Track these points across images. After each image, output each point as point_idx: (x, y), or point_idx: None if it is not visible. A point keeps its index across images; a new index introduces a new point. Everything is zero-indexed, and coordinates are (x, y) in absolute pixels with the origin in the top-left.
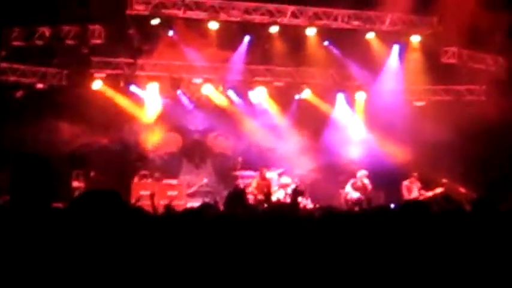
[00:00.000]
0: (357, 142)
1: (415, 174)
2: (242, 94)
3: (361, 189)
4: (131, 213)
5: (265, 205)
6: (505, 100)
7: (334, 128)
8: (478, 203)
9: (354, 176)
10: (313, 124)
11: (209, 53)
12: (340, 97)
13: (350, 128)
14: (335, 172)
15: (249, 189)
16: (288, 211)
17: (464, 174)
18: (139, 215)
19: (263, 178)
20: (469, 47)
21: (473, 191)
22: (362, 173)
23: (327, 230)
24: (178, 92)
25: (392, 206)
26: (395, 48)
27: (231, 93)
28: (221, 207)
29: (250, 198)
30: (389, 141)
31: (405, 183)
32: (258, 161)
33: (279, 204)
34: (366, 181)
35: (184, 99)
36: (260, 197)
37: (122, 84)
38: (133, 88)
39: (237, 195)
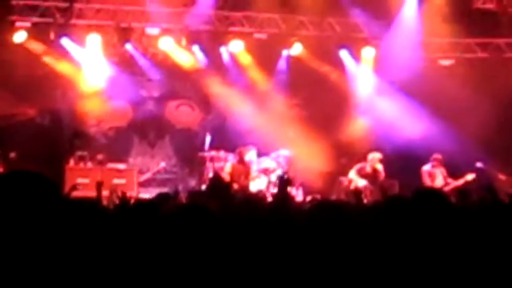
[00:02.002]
0: (363, 114)
1: (439, 156)
2: (212, 50)
3: (371, 176)
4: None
5: (242, 196)
6: None
7: (333, 95)
8: None
9: (361, 159)
10: (306, 89)
11: None
12: (343, 54)
13: (354, 95)
14: (335, 153)
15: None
16: (272, 205)
17: (504, 156)
18: (75, 208)
19: (240, 161)
20: None
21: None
22: (374, 156)
23: (320, 230)
24: (128, 46)
25: None
26: None
27: (196, 49)
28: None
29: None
30: (406, 113)
31: (426, 168)
32: (233, 139)
33: (260, 195)
34: (379, 167)
35: (136, 57)
36: (234, 185)
37: (52, 36)
38: (66, 42)
39: (213, 183)
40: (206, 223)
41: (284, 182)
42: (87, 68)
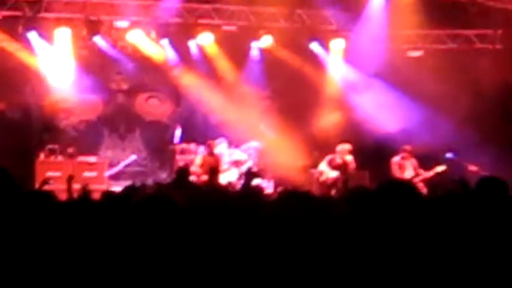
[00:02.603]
0: (334, 106)
1: (409, 147)
2: (181, 43)
3: (341, 167)
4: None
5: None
6: None
7: (305, 87)
8: (482, 185)
9: (331, 150)
10: (277, 82)
11: None
12: (314, 46)
13: (326, 88)
14: (306, 145)
15: (192, 168)
16: (239, 196)
17: (474, 146)
18: (41, 200)
19: (211, 154)
20: None
21: (487, 169)
22: (344, 148)
23: (284, 220)
24: (97, 39)
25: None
26: None
27: (165, 42)
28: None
29: (193, 179)
30: (375, 105)
31: (396, 159)
32: (203, 131)
33: (229, 187)
34: (349, 158)
35: (105, 50)
36: (205, 177)
37: (20, 30)
38: (33, 36)
39: (180, 174)
40: (170, 214)
41: (251, 173)
42: (57, 61)
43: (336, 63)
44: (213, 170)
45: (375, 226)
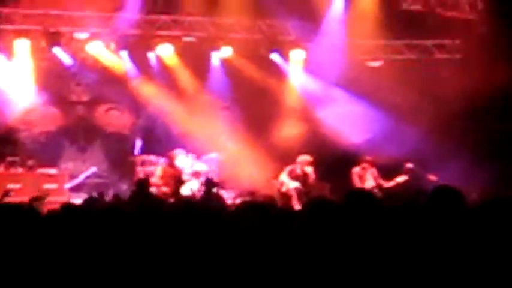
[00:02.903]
0: (295, 116)
1: (369, 158)
2: (141, 54)
3: (301, 178)
4: None
5: (172, 199)
6: (485, 58)
7: (265, 98)
8: (435, 194)
9: (291, 161)
10: (237, 92)
11: None
12: (274, 56)
13: (286, 98)
14: (267, 156)
15: (153, 180)
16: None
17: (434, 156)
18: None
19: (171, 165)
20: None
21: (452, 180)
22: (304, 159)
23: (242, 230)
24: (56, 50)
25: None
26: None
27: (124, 54)
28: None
29: (153, 191)
30: (337, 115)
31: (356, 170)
32: (164, 143)
33: (189, 198)
34: (309, 169)
35: (65, 61)
36: (165, 189)
37: None
38: None
39: (140, 185)
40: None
41: (210, 182)
42: (16, 73)
43: (296, 74)
44: (178, 180)
45: (336, 237)
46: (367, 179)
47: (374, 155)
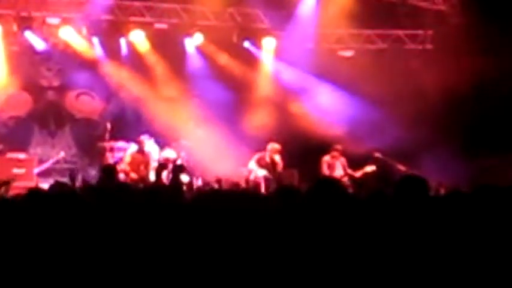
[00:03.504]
0: (264, 105)
1: (338, 147)
2: (112, 40)
3: (270, 166)
4: None
5: (140, 186)
6: (458, 49)
7: (236, 86)
8: (403, 183)
9: (260, 149)
10: (208, 80)
11: None
12: (246, 44)
13: (257, 87)
14: (237, 144)
15: (121, 166)
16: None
17: (403, 146)
18: None
19: (140, 151)
20: None
21: (415, 169)
22: (273, 147)
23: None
24: (28, 35)
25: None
26: None
27: (96, 40)
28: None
29: (121, 177)
30: (305, 104)
31: (326, 158)
32: (133, 129)
33: (156, 184)
34: (277, 158)
35: (36, 46)
36: (133, 175)
37: None
38: None
39: (106, 171)
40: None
41: (178, 167)
42: None
43: (268, 62)
44: (146, 166)
45: (303, 224)
46: (336, 167)
47: (343, 144)
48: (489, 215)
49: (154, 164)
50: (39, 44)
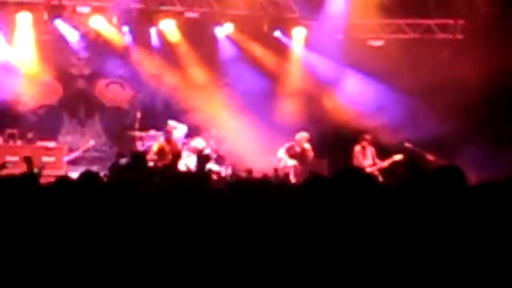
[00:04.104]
0: (295, 95)
1: (368, 136)
2: (143, 29)
3: (300, 156)
4: None
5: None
6: (490, 40)
7: (266, 76)
8: (438, 174)
9: (290, 138)
10: (239, 69)
11: None
12: (277, 34)
13: (287, 76)
14: (267, 133)
15: (149, 156)
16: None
17: (434, 137)
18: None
19: (169, 140)
20: None
21: (445, 159)
22: (302, 136)
23: (235, 206)
24: (58, 23)
25: None
26: None
27: (126, 29)
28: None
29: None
30: (335, 94)
31: (358, 148)
32: (163, 118)
33: (186, 173)
34: (307, 146)
35: (66, 35)
36: (161, 164)
37: None
38: None
39: (136, 158)
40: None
41: (203, 156)
42: (17, 46)
43: (298, 52)
44: (175, 155)
45: (332, 214)
46: (366, 157)
47: (374, 134)
48: None
49: (184, 153)
50: (69, 33)
